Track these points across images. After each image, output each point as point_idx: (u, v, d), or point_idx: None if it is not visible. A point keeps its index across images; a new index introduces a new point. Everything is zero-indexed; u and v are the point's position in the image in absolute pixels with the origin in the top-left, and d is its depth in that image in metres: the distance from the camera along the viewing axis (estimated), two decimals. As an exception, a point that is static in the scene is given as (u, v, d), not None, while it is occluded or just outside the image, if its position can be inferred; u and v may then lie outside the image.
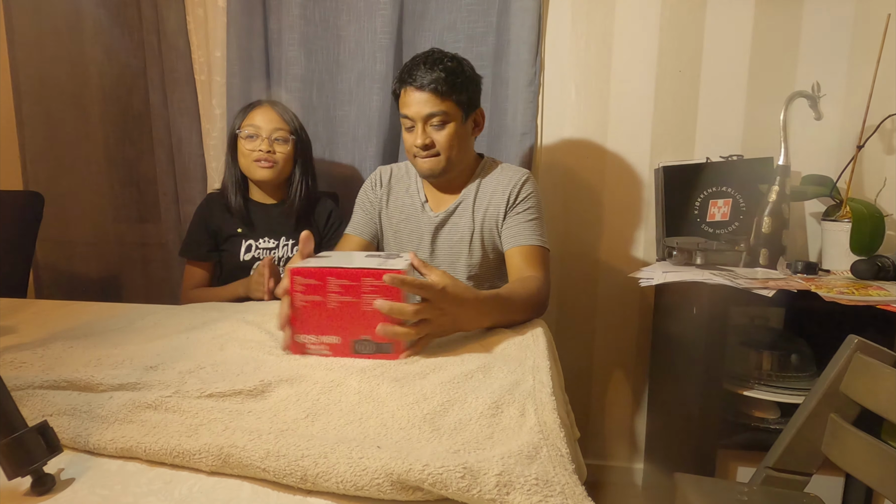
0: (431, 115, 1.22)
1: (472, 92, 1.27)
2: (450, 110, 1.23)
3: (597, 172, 1.65)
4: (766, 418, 1.25)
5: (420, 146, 1.24)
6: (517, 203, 1.28)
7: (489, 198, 1.30)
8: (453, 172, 1.29)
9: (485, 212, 1.30)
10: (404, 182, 1.39)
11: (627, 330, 1.70)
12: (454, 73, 1.22)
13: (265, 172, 1.44)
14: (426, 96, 1.21)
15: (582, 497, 0.51)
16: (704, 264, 1.32)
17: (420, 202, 1.35)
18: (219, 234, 1.49)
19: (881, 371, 0.77)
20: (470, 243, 1.30)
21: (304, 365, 0.80)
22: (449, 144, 1.24)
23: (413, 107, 1.23)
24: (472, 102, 1.28)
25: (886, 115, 1.40)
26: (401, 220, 1.36)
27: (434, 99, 1.21)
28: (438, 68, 1.21)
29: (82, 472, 0.57)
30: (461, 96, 1.23)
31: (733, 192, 1.46)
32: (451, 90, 1.22)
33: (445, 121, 1.23)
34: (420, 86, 1.21)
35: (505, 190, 1.28)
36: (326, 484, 0.53)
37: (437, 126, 1.24)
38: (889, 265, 1.22)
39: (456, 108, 1.24)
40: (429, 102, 1.22)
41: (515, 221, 1.26)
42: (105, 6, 1.76)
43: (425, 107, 1.22)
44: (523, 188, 1.28)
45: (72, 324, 1.05)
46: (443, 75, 1.20)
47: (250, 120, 1.44)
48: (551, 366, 0.83)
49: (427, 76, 1.20)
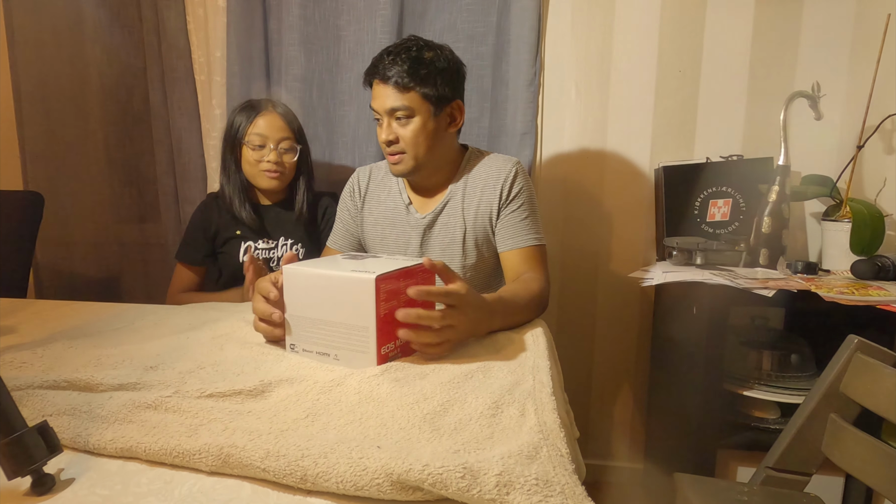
0: (394, 110, 1.15)
1: (442, 84, 1.16)
2: (413, 104, 1.15)
3: (597, 172, 1.65)
4: (766, 418, 1.25)
5: (384, 141, 1.18)
6: (510, 200, 1.21)
7: (479, 193, 1.23)
8: (428, 170, 1.22)
9: (476, 209, 1.23)
10: (385, 184, 1.32)
11: (627, 330, 1.70)
12: (418, 63, 1.13)
13: (274, 183, 1.43)
14: (389, 89, 1.15)
15: (582, 497, 0.51)
16: (704, 264, 1.32)
17: (404, 204, 1.28)
18: (217, 237, 1.48)
19: (881, 371, 0.77)
20: (463, 244, 1.24)
21: (304, 365, 0.80)
22: (414, 141, 1.16)
23: (377, 100, 1.17)
24: (444, 95, 1.17)
25: (886, 115, 1.40)
26: (385, 226, 1.30)
27: (396, 92, 1.14)
28: (401, 58, 1.13)
29: (82, 472, 0.57)
30: (426, 89, 1.14)
31: (733, 192, 1.46)
32: (414, 82, 1.13)
33: (409, 115, 1.15)
34: (383, 78, 1.15)
35: (496, 184, 1.21)
36: (326, 484, 0.53)
37: (402, 121, 1.16)
38: (889, 265, 1.22)
39: (421, 100, 1.15)
40: (391, 96, 1.15)
41: (510, 221, 1.21)
42: (105, 6, 1.76)
43: (388, 100, 1.15)
44: (515, 182, 1.21)
45: (72, 324, 1.05)
46: (405, 67, 1.13)
47: (256, 128, 1.40)
48: (551, 366, 0.83)
49: (390, 68, 1.14)
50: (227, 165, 1.46)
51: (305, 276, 0.82)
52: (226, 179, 1.46)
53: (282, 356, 0.84)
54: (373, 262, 0.86)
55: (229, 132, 1.44)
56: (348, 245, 1.35)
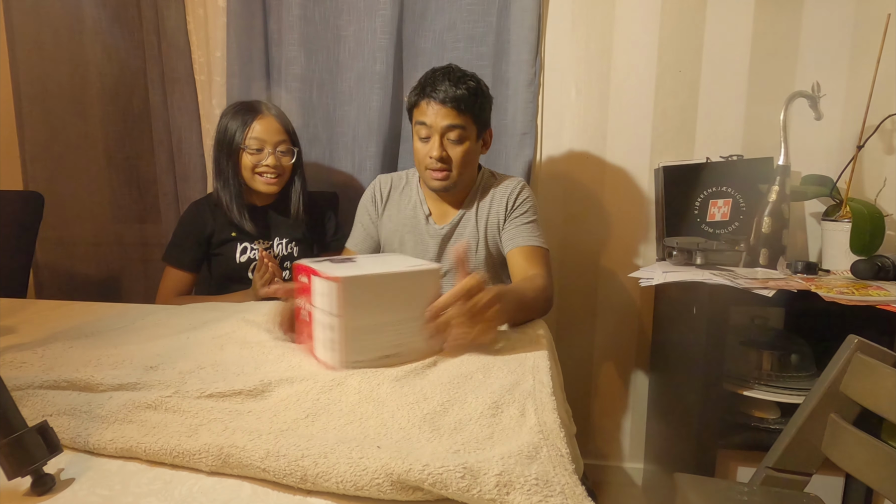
0: (451, 128, 1.23)
1: (488, 112, 1.30)
2: (468, 126, 1.25)
3: (597, 172, 1.65)
4: (766, 418, 1.25)
5: (436, 158, 1.24)
6: (515, 208, 1.31)
7: (489, 206, 1.33)
8: (459, 187, 1.32)
9: (486, 220, 1.33)
10: (406, 194, 1.40)
11: (627, 330, 1.70)
12: (476, 93, 1.24)
13: (273, 188, 1.43)
14: (448, 110, 1.22)
15: (582, 497, 0.51)
16: (704, 264, 1.32)
17: (424, 215, 1.36)
18: (212, 240, 1.47)
19: (881, 371, 0.77)
20: (476, 251, 1.34)
21: (304, 365, 0.80)
22: (463, 161, 1.26)
23: (433, 117, 1.23)
24: (487, 122, 1.31)
25: (886, 115, 1.40)
26: (405, 233, 1.37)
27: (455, 113, 1.23)
28: (462, 87, 1.22)
29: (82, 472, 0.57)
30: (480, 115, 1.26)
31: (733, 192, 1.46)
32: (473, 108, 1.24)
33: (463, 137, 1.25)
34: (443, 100, 1.22)
35: (503, 198, 1.32)
36: (326, 484, 0.53)
37: (455, 141, 1.25)
38: (889, 265, 1.22)
39: (473, 126, 1.26)
40: (450, 115, 1.23)
41: (514, 224, 1.30)
42: (105, 6, 1.76)
43: (446, 118, 1.23)
44: (520, 195, 1.32)
45: (72, 324, 1.05)
46: (466, 93, 1.22)
47: (254, 133, 1.39)
48: (551, 366, 0.83)
49: (451, 91, 1.21)
50: (222, 171, 1.43)
51: (367, 280, 0.78)
52: (222, 185, 1.43)
53: (282, 356, 0.84)
54: (399, 258, 0.91)
55: (224, 137, 1.41)
56: (367, 247, 1.41)
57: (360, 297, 0.77)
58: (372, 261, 0.91)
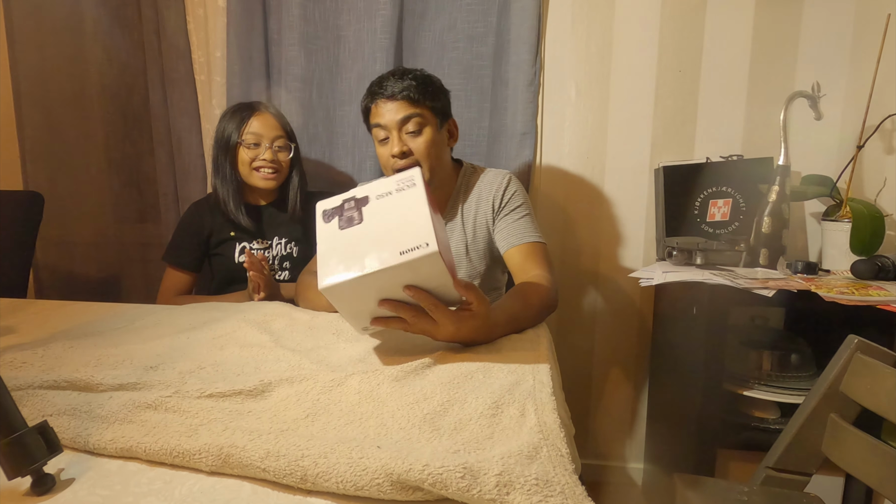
0: (406, 119, 1.19)
1: (444, 100, 1.25)
2: (425, 114, 1.21)
3: (597, 172, 1.65)
4: (766, 418, 1.25)
5: (398, 154, 1.20)
6: (504, 205, 1.26)
7: (475, 207, 1.28)
8: (436, 185, 1.26)
9: (474, 222, 1.28)
10: None
11: (627, 330, 1.70)
12: (425, 81, 1.21)
13: (271, 183, 1.43)
14: (399, 104, 1.19)
15: (582, 497, 0.51)
16: (704, 264, 1.32)
17: None
18: (212, 240, 1.48)
19: (881, 371, 0.77)
20: (466, 255, 1.29)
21: (304, 365, 0.80)
22: (427, 151, 1.21)
23: (385, 115, 1.20)
24: (446, 111, 1.26)
25: (886, 115, 1.40)
26: None
27: (408, 105, 1.19)
28: (408, 78, 1.20)
29: (82, 472, 0.57)
30: (434, 102, 1.22)
31: (733, 192, 1.46)
32: (425, 96, 1.20)
33: (421, 125, 1.20)
34: (391, 95, 1.19)
35: (489, 196, 1.27)
36: (326, 484, 0.53)
37: (414, 132, 1.20)
38: (889, 265, 1.22)
39: (430, 113, 1.22)
40: (403, 108, 1.19)
41: (507, 223, 1.25)
42: (105, 6, 1.76)
43: (399, 112, 1.19)
44: (507, 189, 1.26)
45: (72, 324, 1.05)
46: (414, 83, 1.19)
47: (251, 128, 1.41)
48: (551, 366, 0.83)
49: (398, 85, 1.19)
50: (220, 167, 1.44)
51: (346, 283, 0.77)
52: (220, 182, 1.45)
53: (282, 356, 0.84)
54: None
55: (222, 135, 1.43)
56: None
57: (346, 298, 0.81)
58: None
